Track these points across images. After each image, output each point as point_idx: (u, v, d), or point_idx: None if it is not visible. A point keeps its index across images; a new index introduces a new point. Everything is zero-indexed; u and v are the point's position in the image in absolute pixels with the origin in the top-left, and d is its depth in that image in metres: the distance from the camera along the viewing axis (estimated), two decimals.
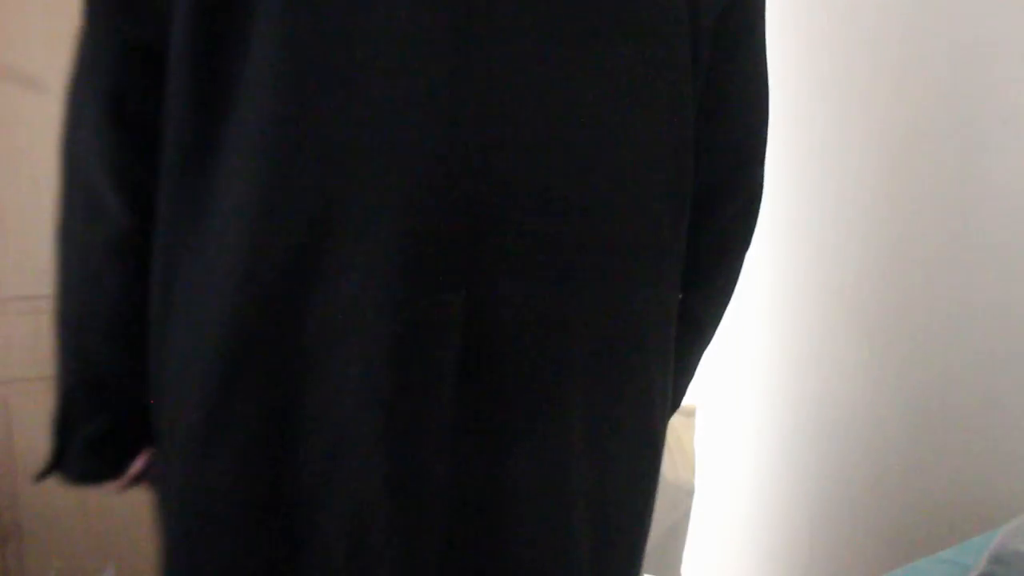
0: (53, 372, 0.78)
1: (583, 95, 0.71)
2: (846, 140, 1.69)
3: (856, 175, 1.68)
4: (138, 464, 0.81)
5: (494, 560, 0.75)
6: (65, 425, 0.79)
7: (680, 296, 0.85)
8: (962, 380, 1.50)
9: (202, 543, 0.74)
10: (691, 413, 1.87)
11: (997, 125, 1.43)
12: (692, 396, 1.64)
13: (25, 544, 1.51)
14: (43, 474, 0.81)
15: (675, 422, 1.69)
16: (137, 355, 0.76)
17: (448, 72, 0.67)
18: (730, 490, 1.42)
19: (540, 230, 0.71)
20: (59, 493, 1.54)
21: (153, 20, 0.70)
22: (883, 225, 1.63)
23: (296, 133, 0.66)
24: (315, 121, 0.66)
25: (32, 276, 1.49)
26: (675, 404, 0.95)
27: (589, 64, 0.72)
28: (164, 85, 0.70)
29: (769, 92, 0.86)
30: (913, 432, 1.60)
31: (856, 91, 1.66)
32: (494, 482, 0.73)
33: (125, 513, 1.58)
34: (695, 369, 0.98)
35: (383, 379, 0.69)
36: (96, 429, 0.78)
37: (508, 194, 0.70)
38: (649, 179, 0.77)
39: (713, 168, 0.85)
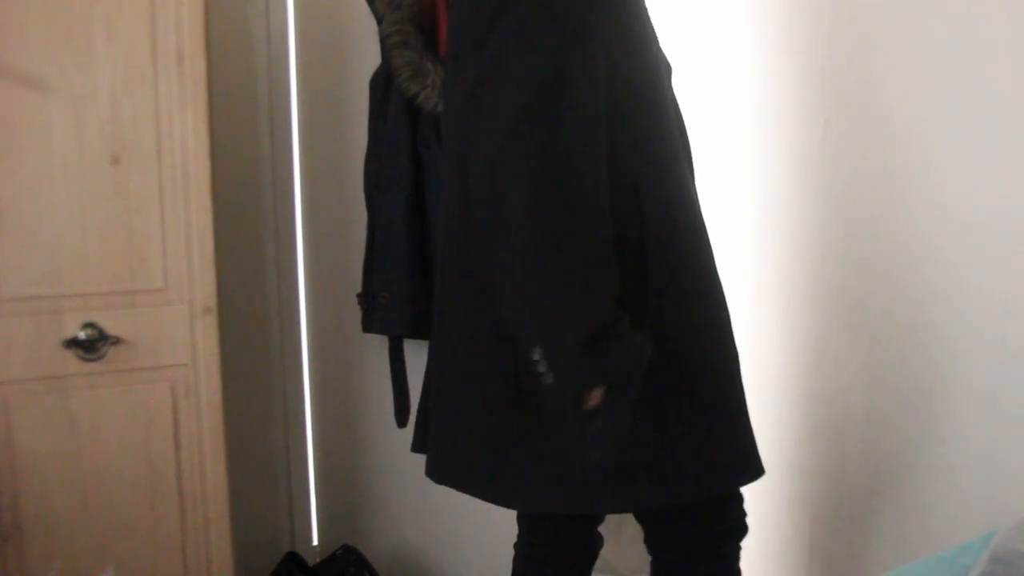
0: None
1: None
2: (847, 140, 1.69)
3: (856, 175, 1.68)
4: None
5: None
6: None
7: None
8: (962, 379, 1.50)
9: None
10: None
11: (997, 126, 1.43)
12: None
13: (25, 544, 1.51)
14: None
15: None
16: None
17: None
18: None
19: None
20: (59, 493, 1.54)
21: None
22: (883, 224, 1.64)
23: None
24: None
25: (32, 276, 1.49)
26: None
27: None
28: None
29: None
30: (913, 432, 1.60)
31: (856, 91, 1.66)
32: None
33: (125, 513, 1.58)
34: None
35: None
36: None
37: None
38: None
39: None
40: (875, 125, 1.64)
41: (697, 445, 1.25)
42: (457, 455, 1.33)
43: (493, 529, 2.01)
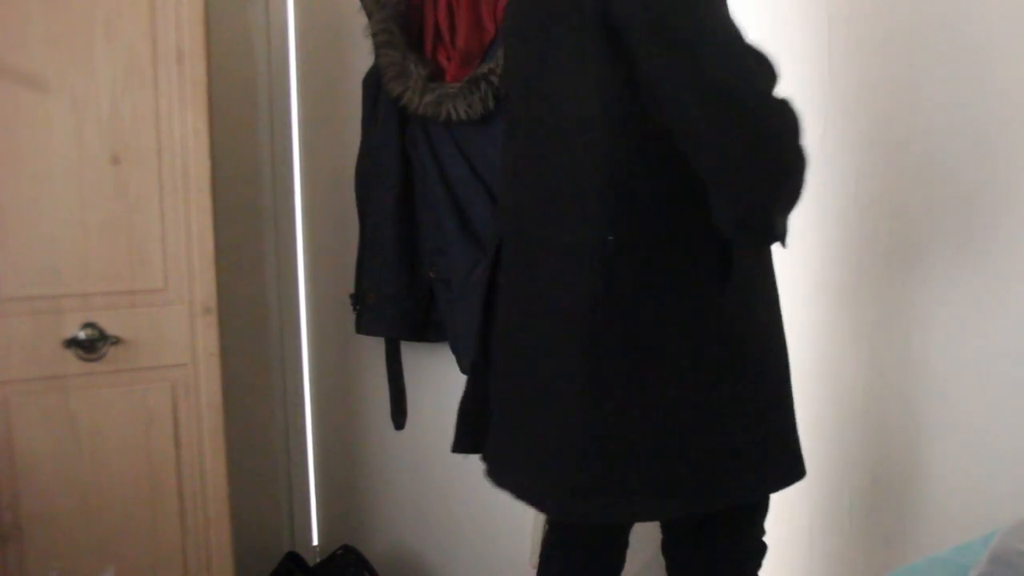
0: None
1: None
2: (847, 140, 1.69)
3: (857, 175, 1.68)
4: None
5: None
6: None
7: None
8: (963, 379, 1.50)
9: None
10: None
11: (996, 127, 1.43)
12: None
13: (25, 544, 1.51)
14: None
15: None
16: None
17: None
18: None
19: None
20: (59, 493, 1.54)
21: None
22: (883, 225, 1.64)
23: None
24: None
25: (32, 276, 1.49)
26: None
27: None
28: None
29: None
30: (913, 432, 1.60)
31: (857, 91, 1.66)
32: None
33: (125, 513, 1.58)
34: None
35: None
36: None
37: None
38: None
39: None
40: (875, 125, 1.64)
41: (755, 443, 1.24)
42: (509, 455, 1.29)
43: (492, 529, 2.01)
